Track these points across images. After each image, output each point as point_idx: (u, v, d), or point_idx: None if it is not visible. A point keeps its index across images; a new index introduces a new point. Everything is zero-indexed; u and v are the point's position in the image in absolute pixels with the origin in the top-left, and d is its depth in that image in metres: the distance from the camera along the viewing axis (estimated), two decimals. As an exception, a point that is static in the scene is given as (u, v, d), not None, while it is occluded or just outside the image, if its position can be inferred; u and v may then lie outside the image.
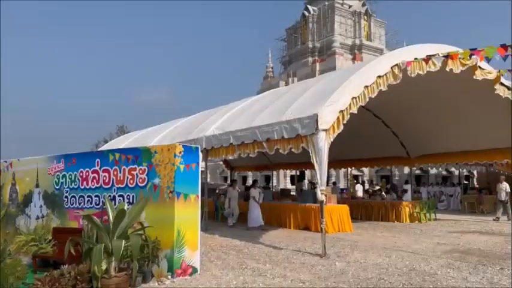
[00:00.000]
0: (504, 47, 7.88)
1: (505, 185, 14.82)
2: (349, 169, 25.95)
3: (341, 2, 44.20)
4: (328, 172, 8.60)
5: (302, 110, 8.74)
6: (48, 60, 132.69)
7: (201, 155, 6.79)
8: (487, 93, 11.26)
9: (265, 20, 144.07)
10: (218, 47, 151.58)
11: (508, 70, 9.62)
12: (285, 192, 19.77)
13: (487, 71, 10.62)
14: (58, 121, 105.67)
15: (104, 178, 6.79)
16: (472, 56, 8.96)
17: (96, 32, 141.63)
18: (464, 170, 31.34)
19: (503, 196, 14.64)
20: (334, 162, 14.32)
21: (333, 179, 30.03)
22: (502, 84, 11.23)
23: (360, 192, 19.08)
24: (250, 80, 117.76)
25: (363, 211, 15.22)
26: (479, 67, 10.39)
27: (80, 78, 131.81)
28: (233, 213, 13.51)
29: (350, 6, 44.42)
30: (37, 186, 8.21)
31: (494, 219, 14.34)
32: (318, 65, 41.66)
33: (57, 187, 7.70)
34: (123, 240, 5.09)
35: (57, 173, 7.70)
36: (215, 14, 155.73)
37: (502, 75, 10.40)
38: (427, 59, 9.26)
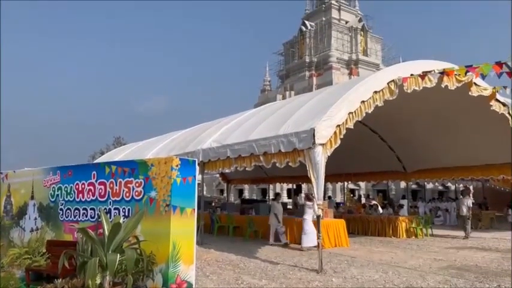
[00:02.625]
0: (499, 64, 7.98)
1: (467, 200, 14.32)
2: (346, 183, 25.95)
3: (338, 18, 44.82)
4: (324, 186, 8.60)
5: (299, 124, 8.78)
6: (43, 67, 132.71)
7: (198, 168, 6.77)
8: (484, 109, 11.35)
9: (263, 33, 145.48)
10: (216, 60, 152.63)
11: (504, 87, 9.72)
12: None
13: (482, 87, 10.73)
14: (54, 131, 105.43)
15: (100, 191, 6.74)
16: (468, 73, 9.05)
17: (93, 42, 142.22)
18: (461, 185, 31.39)
19: (465, 211, 14.04)
20: (331, 176, 14.33)
21: (330, 193, 29.99)
22: (497, 100, 11.34)
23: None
24: (247, 93, 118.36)
25: (360, 226, 15.17)
26: (475, 83, 10.50)
27: (76, 88, 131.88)
28: (282, 229, 11.96)
29: (347, 22, 45.02)
30: (32, 198, 8.14)
31: (464, 238, 13.60)
32: (315, 79, 41.99)
33: (52, 199, 7.64)
34: (118, 254, 5.04)
35: (53, 185, 7.64)
36: (214, 27, 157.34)
37: (497, 91, 10.49)
38: (423, 75, 9.35)
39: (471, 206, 14.35)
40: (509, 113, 11.77)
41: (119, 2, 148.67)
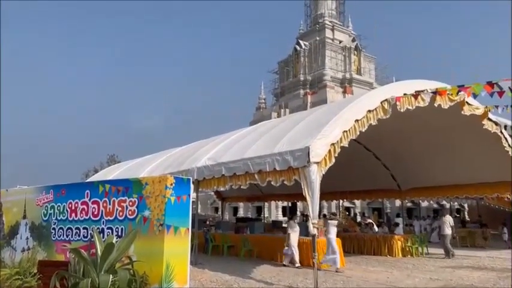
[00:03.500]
0: (490, 84, 8.12)
1: (448, 219, 14.15)
2: (341, 201, 25.88)
3: (331, 37, 45.50)
4: (320, 204, 8.59)
5: (294, 142, 8.82)
6: (35, 83, 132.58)
7: (192, 186, 6.74)
8: (477, 128, 11.49)
9: (258, 52, 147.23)
10: (211, 77, 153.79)
11: (495, 106, 9.86)
12: (276, 224, 19.57)
13: (474, 106, 10.88)
14: (47, 147, 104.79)
15: (93, 210, 6.68)
16: (460, 92, 9.18)
17: (87, 59, 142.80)
18: (456, 203, 31.46)
19: (447, 230, 13.86)
20: (326, 194, 14.32)
21: (325, 211, 29.86)
22: (489, 119, 11.48)
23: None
24: (242, 111, 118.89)
25: (355, 244, 15.06)
26: (467, 103, 10.65)
27: (69, 105, 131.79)
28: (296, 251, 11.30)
29: (340, 42, 45.70)
30: (24, 217, 8.04)
31: (445, 257, 13.32)
32: (309, 97, 42.33)
33: (44, 218, 7.55)
34: (111, 275, 4.97)
35: (46, 204, 7.57)
36: (210, 44, 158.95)
37: (490, 111, 10.64)
38: (416, 94, 9.48)
39: (453, 224, 14.21)
40: (501, 131, 11.91)
41: (114, 19, 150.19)
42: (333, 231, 10.67)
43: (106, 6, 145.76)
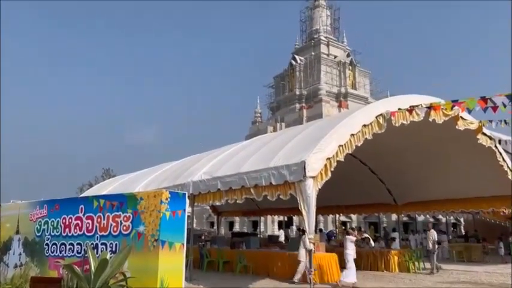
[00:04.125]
0: (484, 99, 8.21)
1: (432, 233, 13.99)
2: (337, 215, 25.81)
3: (327, 52, 46.04)
4: (316, 218, 8.55)
5: (290, 156, 8.82)
6: (28, 97, 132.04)
7: (188, 201, 6.71)
8: (472, 142, 11.55)
9: (254, 66, 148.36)
10: (208, 91, 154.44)
11: (489, 121, 9.95)
12: (273, 239, 19.45)
13: (468, 121, 10.96)
14: (42, 162, 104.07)
15: (87, 225, 6.62)
16: (454, 107, 9.26)
17: (82, 71, 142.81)
18: (452, 217, 31.45)
19: (430, 245, 13.70)
20: (322, 208, 14.25)
21: (321, 225, 29.74)
22: (484, 134, 11.56)
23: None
24: (238, 124, 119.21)
25: (352, 259, 14.94)
26: (461, 117, 10.73)
27: (64, 118, 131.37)
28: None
29: (335, 57, 46.23)
30: (17, 232, 7.95)
31: (430, 274, 13.16)
32: (305, 111, 42.60)
33: (38, 234, 7.46)
34: (104, 292, 4.90)
35: (39, 219, 7.49)
36: (206, 58, 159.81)
37: (484, 125, 10.73)
38: (411, 109, 9.55)
39: (436, 239, 14.16)
40: (495, 146, 11.98)
41: (109, 30, 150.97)
42: (350, 247, 10.55)
43: (98, 19, 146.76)
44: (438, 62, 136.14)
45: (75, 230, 6.78)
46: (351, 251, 10.49)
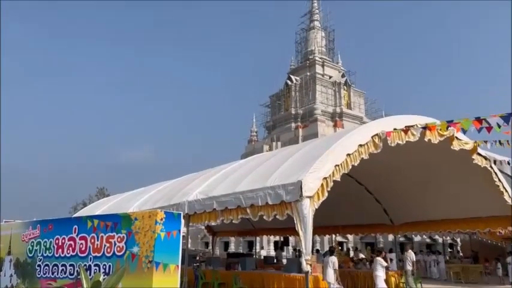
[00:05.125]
0: (479, 120, 8.27)
1: (410, 254, 13.89)
2: (334, 235, 25.59)
3: (322, 73, 46.61)
4: (312, 238, 8.46)
5: (286, 176, 8.78)
6: (21, 114, 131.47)
7: (183, 221, 6.62)
8: (468, 162, 11.58)
9: (250, 86, 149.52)
10: (203, 110, 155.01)
11: (484, 141, 10.01)
12: (268, 260, 19.19)
13: (463, 141, 11.02)
14: (35, 180, 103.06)
15: (81, 246, 6.50)
16: (449, 128, 9.32)
17: (76, 87, 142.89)
18: (448, 238, 31.26)
19: (408, 266, 13.58)
20: (319, 228, 14.13)
21: (317, 246, 29.45)
22: (479, 154, 11.61)
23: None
24: (234, 143, 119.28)
25: (349, 280, 14.73)
26: (457, 138, 10.79)
27: (58, 136, 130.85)
28: None
29: (330, 77, 46.79)
30: (9, 253, 7.79)
31: None
32: (300, 130, 42.81)
33: (30, 255, 7.32)
34: (96, 315, 4.77)
35: (32, 240, 7.36)
36: (201, 76, 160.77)
37: (479, 145, 10.78)
38: (406, 129, 9.60)
39: (414, 260, 13.96)
40: (491, 166, 12.02)
41: (104, 48, 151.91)
42: (380, 268, 10.50)
43: (93, 34, 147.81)
44: (433, 82, 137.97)
45: (68, 251, 6.66)
46: (380, 273, 10.51)
